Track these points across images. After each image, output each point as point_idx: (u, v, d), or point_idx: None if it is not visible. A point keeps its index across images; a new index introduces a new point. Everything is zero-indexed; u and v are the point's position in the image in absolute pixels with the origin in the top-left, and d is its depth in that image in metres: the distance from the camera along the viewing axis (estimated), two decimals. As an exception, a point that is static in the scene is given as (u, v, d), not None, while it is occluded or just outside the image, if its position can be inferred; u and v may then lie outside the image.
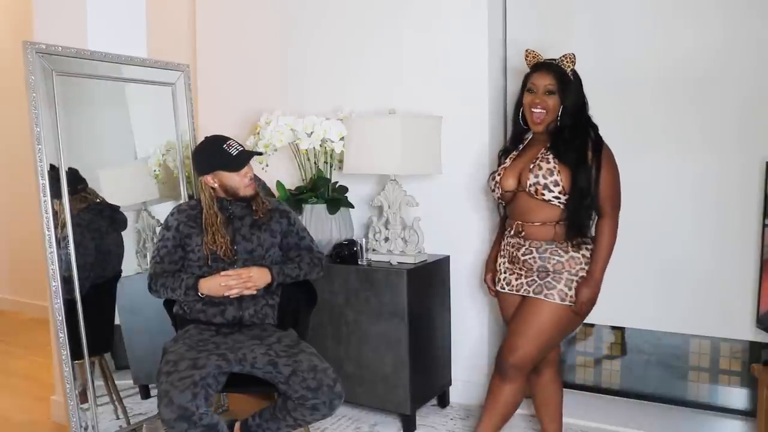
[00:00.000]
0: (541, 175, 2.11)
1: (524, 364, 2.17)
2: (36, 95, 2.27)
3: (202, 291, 2.16)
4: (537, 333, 2.14)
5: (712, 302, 2.61)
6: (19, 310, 4.98)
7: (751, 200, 2.51)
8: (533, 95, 2.17)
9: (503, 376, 2.19)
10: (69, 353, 2.34)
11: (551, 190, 2.11)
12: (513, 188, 2.21)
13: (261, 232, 2.28)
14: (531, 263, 2.18)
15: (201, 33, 3.62)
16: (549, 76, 2.15)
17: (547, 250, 2.15)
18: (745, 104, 2.52)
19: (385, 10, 3.04)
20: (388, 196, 2.82)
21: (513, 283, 2.24)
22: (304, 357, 2.06)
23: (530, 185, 2.14)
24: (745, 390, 2.70)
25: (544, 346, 2.17)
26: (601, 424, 2.69)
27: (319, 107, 3.11)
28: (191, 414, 1.88)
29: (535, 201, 2.15)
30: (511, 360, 2.16)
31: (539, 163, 2.14)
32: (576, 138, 2.13)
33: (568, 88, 2.15)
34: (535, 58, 2.23)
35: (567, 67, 2.16)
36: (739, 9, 2.50)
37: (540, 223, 2.16)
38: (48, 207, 2.29)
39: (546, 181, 2.11)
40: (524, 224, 2.19)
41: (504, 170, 2.26)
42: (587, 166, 2.11)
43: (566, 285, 2.13)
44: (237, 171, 2.20)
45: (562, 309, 2.13)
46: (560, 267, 2.13)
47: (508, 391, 2.20)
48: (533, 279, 2.17)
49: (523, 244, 2.20)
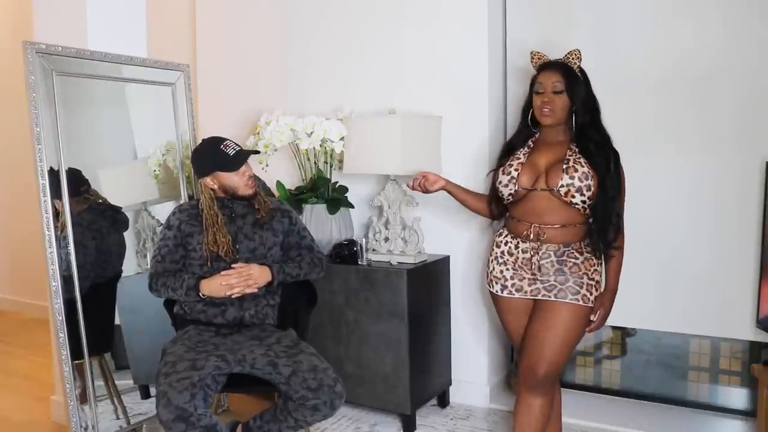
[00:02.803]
0: (577, 177, 2.01)
1: (555, 374, 2.07)
2: (36, 95, 2.28)
3: (203, 292, 2.15)
4: (563, 339, 2.04)
5: (712, 302, 2.61)
6: (19, 310, 4.98)
7: (751, 200, 2.51)
8: (541, 96, 2.10)
9: (535, 390, 2.05)
10: (69, 353, 2.34)
11: (583, 194, 2.01)
12: (529, 186, 2.09)
13: (263, 231, 2.28)
14: (548, 267, 2.06)
15: (201, 33, 3.62)
16: (556, 74, 2.08)
17: (564, 253, 2.06)
18: (745, 104, 2.52)
19: (385, 10, 3.04)
20: (388, 196, 2.82)
21: (525, 288, 2.10)
22: (304, 357, 2.05)
23: (562, 186, 2.02)
24: (745, 390, 2.70)
25: (569, 351, 2.08)
26: (601, 424, 2.69)
27: (319, 107, 3.11)
28: (189, 415, 1.88)
29: (556, 202, 2.05)
30: (542, 372, 2.02)
31: (574, 165, 2.02)
32: (605, 143, 2.08)
33: (577, 85, 2.08)
34: (540, 59, 2.17)
35: (573, 64, 2.10)
36: (739, 9, 2.50)
37: (560, 225, 2.05)
38: (48, 207, 2.29)
39: (581, 184, 2.00)
40: (542, 227, 2.06)
41: (521, 166, 2.12)
42: (611, 174, 2.04)
43: (582, 285, 2.04)
44: (235, 170, 2.21)
45: (583, 310, 2.05)
46: (577, 269, 2.04)
47: (542, 406, 2.06)
48: (552, 284, 2.05)
49: (540, 249, 2.07)
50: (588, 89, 2.13)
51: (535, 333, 2.07)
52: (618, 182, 2.07)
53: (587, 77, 2.15)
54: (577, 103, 2.08)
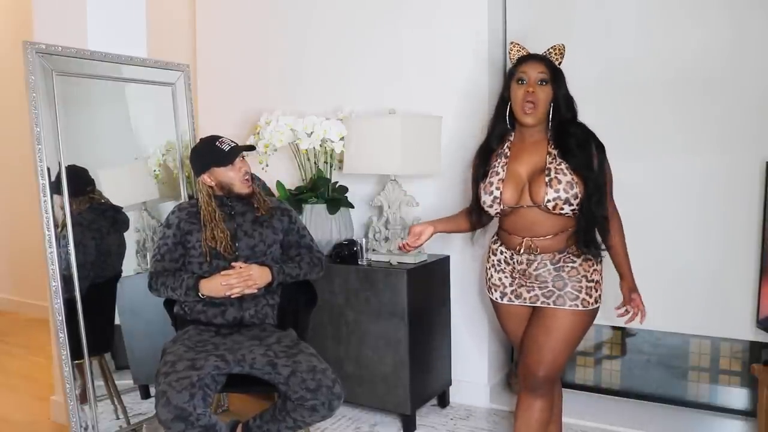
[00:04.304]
0: (562, 189, 1.92)
1: (555, 375, 2.06)
2: (36, 95, 2.28)
3: (202, 292, 2.15)
4: (563, 343, 2.02)
5: (712, 302, 2.62)
6: (19, 310, 4.98)
7: (751, 200, 2.51)
8: (524, 86, 1.97)
9: (535, 391, 2.04)
10: (69, 353, 2.34)
11: (571, 204, 1.94)
12: (514, 203, 2.00)
13: (263, 229, 2.28)
14: (546, 276, 2.01)
15: (201, 33, 3.62)
16: (541, 65, 1.98)
17: (560, 260, 2.00)
18: (745, 105, 2.52)
19: (384, 10, 3.04)
20: (388, 196, 2.82)
21: (525, 295, 2.07)
22: (303, 357, 2.05)
23: (549, 201, 1.93)
24: (745, 390, 2.70)
25: (569, 353, 2.07)
26: (601, 424, 2.69)
27: (319, 107, 3.11)
28: (188, 414, 1.88)
29: (544, 214, 1.97)
30: (542, 374, 2.01)
31: (556, 176, 1.93)
32: (586, 140, 1.97)
33: (561, 78, 2.00)
34: (520, 51, 2.06)
35: (556, 60, 2.03)
36: (746, 9, 2.50)
37: (552, 235, 1.98)
38: (48, 207, 2.29)
39: (567, 195, 1.92)
40: (534, 239, 1.99)
41: (502, 183, 2.01)
42: (595, 174, 1.95)
43: (581, 290, 2.00)
44: (230, 164, 2.22)
45: (582, 314, 2.03)
46: (575, 273, 2.00)
47: (541, 407, 2.05)
48: (550, 290, 2.01)
49: (535, 259, 2.01)
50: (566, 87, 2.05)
51: (535, 338, 2.04)
52: (603, 180, 1.99)
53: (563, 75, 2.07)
54: (560, 95, 1.99)
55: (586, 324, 2.07)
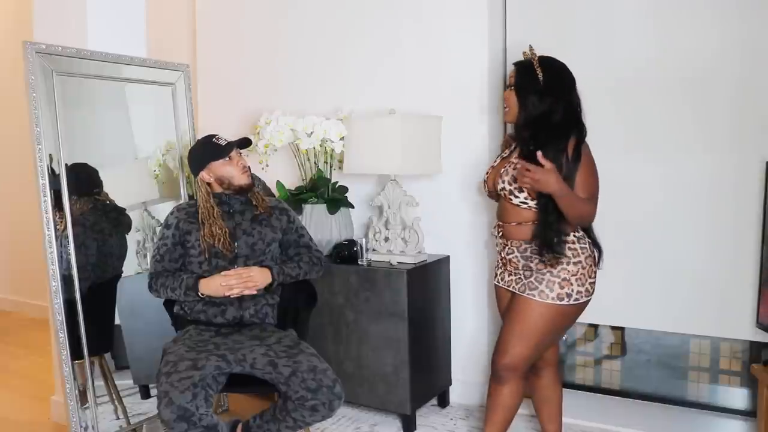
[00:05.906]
0: (507, 181, 2.09)
1: (516, 365, 2.12)
2: (36, 95, 2.28)
3: (202, 291, 2.16)
4: (525, 332, 2.09)
5: (712, 302, 2.61)
6: (19, 310, 4.98)
7: (751, 200, 2.51)
8: None
9: (496, 378, 2.16)
10: (69, 353, 2.34)
11: (517, 196, 2.08)
12: (493, 189, 2.21)
13: (262, 227, 2.29)
14: (516, 262, 2.14)
15: (201, 33, 3.62)
16: (513, 70, 2.14)
17: (527, 250, 2.11)
18: (745, 104, 2.52)
19: (385, 11, 3.04)
20: (388, 196, 2.82)
21: (506, 279, 2.21)
22: (303, 357, 2.06)
23: (500, 189, 2.13)
24: (745, 390, 2.70)
25: (534, 345, 2.11)
26: (601, 424, 2.69)
27: (319, 107, 3.11)
28: (191, 414, 1.88)
29: (509, 203, 2.14)
30: (501, 362, 2.13)
31: (508, 168, 2.11)
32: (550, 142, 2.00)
33: (526, 83, 2.07)
34: (525, 55, 2.14)
35: (533, 59, 2.08)
36: (736, 10, 2.50)
37: (516, 223, 2.13)
38: (48, 207, 2.29)
39: (511, 187, 2.08)
40: (504, 225, 2.18)
41: (491, 169, 2.25)
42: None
43: (542, 281, 2.06)
44: (227, 156, 2.23)
45: (549, 307, 2.07)
46: (543, 266, 2.07)
47: (506, 394, 2.16)
48: (519, 277, 2.13)
49: (506, 244, 2.18)
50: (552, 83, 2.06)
51: (503, 325, 2.18)
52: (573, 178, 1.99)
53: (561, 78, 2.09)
54: (522, 96, 2.09)
55: (555, 319, 2.10)
